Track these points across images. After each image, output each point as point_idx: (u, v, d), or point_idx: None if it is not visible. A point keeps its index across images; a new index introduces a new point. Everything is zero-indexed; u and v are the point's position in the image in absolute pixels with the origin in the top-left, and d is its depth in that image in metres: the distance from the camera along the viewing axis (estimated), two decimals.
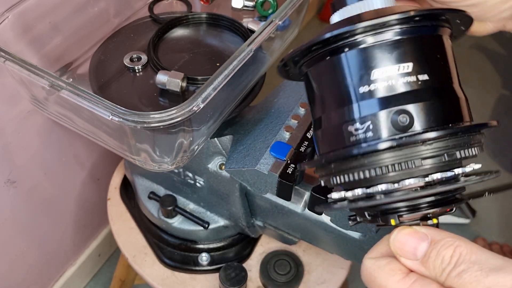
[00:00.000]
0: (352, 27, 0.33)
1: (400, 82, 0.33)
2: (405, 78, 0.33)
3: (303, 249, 0.84)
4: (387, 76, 0.33)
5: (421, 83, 0.33)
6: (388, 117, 0.33)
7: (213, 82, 0.53)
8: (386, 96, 0.33)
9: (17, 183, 0.91)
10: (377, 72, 0.33)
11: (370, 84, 0.33)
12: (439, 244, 0.32)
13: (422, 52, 0.34)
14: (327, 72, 0.36)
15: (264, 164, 0.61)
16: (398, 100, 0.33)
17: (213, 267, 0.82)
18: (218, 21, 0.75)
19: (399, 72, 0.33)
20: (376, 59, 0.33)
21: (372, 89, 0.33)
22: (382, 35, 0.33)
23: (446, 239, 0.32)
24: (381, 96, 0.33)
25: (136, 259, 0.84)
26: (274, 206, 0.69)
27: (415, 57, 0.33)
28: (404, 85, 0.33)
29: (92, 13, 0.75)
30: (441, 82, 0.34)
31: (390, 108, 0.33)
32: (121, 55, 0.69)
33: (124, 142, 0.60)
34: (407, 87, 0.33)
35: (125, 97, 0.65)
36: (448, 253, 0.31)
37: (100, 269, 1.31)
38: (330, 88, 0.36)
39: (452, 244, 0.31)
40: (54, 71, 0.70)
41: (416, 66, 0.33)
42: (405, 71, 0.33)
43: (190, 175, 0.76)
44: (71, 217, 1.11)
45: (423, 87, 0.33)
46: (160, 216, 0.82)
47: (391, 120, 0.33)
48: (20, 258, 1.01)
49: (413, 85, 0.33)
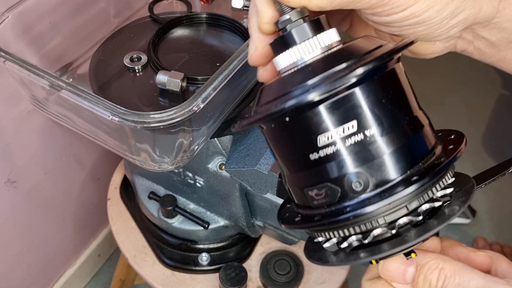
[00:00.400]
0: (287, 105, 0.30)
1: (348, 144, 0.31)
2: (352, 138, 0.31)
3: (303, 249, 0.84)
4: (332, 140, 0.31)
5: (369, 138, 0.31)
6: (344, 181, 0.32)
7: (213, 82, 0.53)
8: (337, 161, 0.31)
9: (17, 183, 0.91)
10: (322, 138, 0.31)
11: (319, 151, 0.32)
12: (425, 268, 0.34)
13: (368, 102, 0.31)
14: (278, 136, 0.34)
15: (264, 164, 0.61)
16: (350, 163, 0.31)
17: (213, 267, 0.82)
18: (218, 21, 0.75)
19: (345, 134, 0.31)
20: (318, 124, 0.31)
21: (322, 156, 0.32)
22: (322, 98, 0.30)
23: (431, 262, 0.34)
24: (332, 161, 0.32)
25: (136, 259, 0.84)
26: (274, 206, 0.69)
27: (358, 113, 0.31)
28: (352, 147, 0.31)
29: (92, 13, 0.75)
30: (397, 123, 0.32)
31: (343, 173, 0.31)
32: (121, 55, 0.69)
33: (124, 142, 0.60)
34: (356, 147, 0.31)
35: (125, 97, 0.65)
36: (434, 277, 0.33)
37: (100, 269, 1.31)
38: (284, 152, 0.35)
39: (436, 267, 0.33)
40: (54, 71, 0.70)
41: (361, 123, 0.31)
42: (350, 132, 0.31)
43: (190, 175, 0.76)
44: (71, 217, 1.11)
45: (373, 142, 0.31)
46: (160, 216, 0.82)
47: (346, 184, 0.32)
48: (20, 258, 1.01)
49: (361, 144, 0.31)
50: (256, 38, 0.36)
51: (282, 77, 0.33)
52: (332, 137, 0.31)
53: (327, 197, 0.32)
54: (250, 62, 0.38)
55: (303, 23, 0.33)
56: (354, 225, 0.33)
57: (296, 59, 0.33)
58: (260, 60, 0.37)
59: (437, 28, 0.34)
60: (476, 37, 0.38)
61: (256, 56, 0.37)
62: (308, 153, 0.32)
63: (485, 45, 0.38)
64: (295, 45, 0.33)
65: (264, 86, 0.35)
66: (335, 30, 0.34)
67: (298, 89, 0.31)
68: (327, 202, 0.33)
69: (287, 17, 0.34)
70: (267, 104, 0.33)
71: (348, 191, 0.32)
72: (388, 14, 0.33)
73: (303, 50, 0.33)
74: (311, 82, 0.30)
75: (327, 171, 0.32)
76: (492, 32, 0.37)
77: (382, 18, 0.34)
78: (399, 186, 0.31)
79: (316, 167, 0.32)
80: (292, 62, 0.34)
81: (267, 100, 0.33)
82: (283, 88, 0.32)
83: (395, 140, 0.32)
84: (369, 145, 0.31)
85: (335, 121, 0.31)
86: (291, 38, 0.34)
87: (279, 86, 0.33)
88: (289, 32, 0.34)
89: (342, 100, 0.31)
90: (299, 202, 0.36)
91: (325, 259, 0.36)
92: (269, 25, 0.35)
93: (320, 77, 0.30)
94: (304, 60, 0.33)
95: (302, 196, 0.34)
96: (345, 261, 0.34)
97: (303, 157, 0.33)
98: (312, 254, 0.38)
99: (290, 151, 0.34)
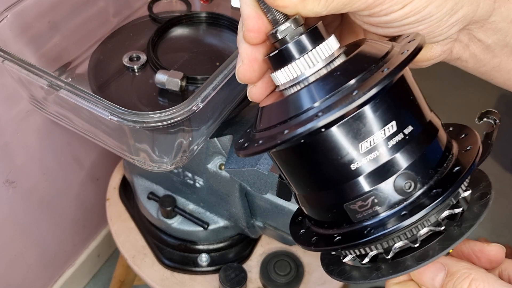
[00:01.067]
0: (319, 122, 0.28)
1: (391, 146, 0.30)
2: (393, 139, 0.30)
3: (304, 249, 0.84)
4: (375, 145, 0.30)
5: (408, 137, 0.30)
6: (391, 186, 0.30)
7: (212, 81, 0.53)
8: (381, 165, 0.30)
9: (16, 183, 0.90)
10: (364, 144, 0.30)
11: (361, 159, 0.30)
12: (455, 276, 0.32)
13: (398, 102, 0.31)
14: (300, 155, 0.31)
15: (264, 164, 0.61)
16: (395, 165, 0.30)
17: (213, 267, 0.82)
18: (217, 21, 0.75)
19: (386, 136, 0.30)
20: (359, 131, 0.30)
21: (364, 163, 0.30)
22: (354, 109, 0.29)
23: (462, 271, 0.32)
24: (376, 167, 0.30)
25: (136, 259, 0.84)
26: (274, 206, 0.69)
27: (394, 113, 0.30)
28: (395, 148, 0.30)
29: (91, 12, 0.75)
30: (422, 122, 0.32)
31: (390, 177, 0.30)
32: (120, 54, 0.69)
33: (123, 142, 0.59)
34: (398, 147, 0.30)
35: (124, 96, 0.64)
36: (464, 286, 0.32)
37: (99, 269, 1.31)
38: (308, 170, 0.32)
39: (467, 277, 0.32)
40: (53, 71, 0.69)
41: (398, 122, 0.30)
42: (391, 132, 0.30)
43: (190, 175, 0.75)
44: (70, 217, 1.11)
45: (412, 140, 0.30)
46: (160, 216, 0.81)
47: (395, 188, 0.30)
48: (19, 259, 1.01)
49: (402, 143, 0.30)
50: (242, 51, 0.33)
51: (306, 86, 0.31)
52: (374, 140, 0.30)
53: (374, 207, 0.31)
54: (238, 77, 0.34)
55: (302, 34, 0.31)
56: (383, 240, 0.32)
57: (299, 73, 0.31)
58: (248, 75, 0.34)
59: (437, 26, 0.34)
60: (472, 39, 0.37)
61: (243, 71, 0.34)
62: (349, 163, 0.30)
63: (480, 50, 0.38)
64: (298, 58, 0.31)
65: (268, 106, 0.33)
66: (334, 37, 0.33)
67: (338, 96, 0.29)
68: (373, 213, 0.31)
69: (283, 28, 0.31)
70: (287, 122, 0.30)
71: (397, 194, 0.30)
72: (387, 13, 0.32)
73: (309, 61, 0.31)
74: (351, 83, 0.29)
75: (373, 178, 0.30)
76: (488, 34, 0.37)
77: (380, 19, 0.33)
78: (429, 195, 0.30)
79: (360, 176, 0.30)
80: (296, 76, 0.32)
81: (285, 118, 0.30)
82: (306, 101, 0.30)
83: (428, 133, 0.31)
84: (409, 144, 0.31)
85: (376, 124, 0.30)
86: (291, 51, 0.31)
87: (297, 102, 0.30)
88: (288, 46, 0.31)
89: (379, 102, 0.30)
90: (328, 220, 0.33)
91: (348, 276, 0.34)
92: (254, 34, 0.32)
93: (364, 83, 0.29)
94: (316, 69, 0.31)
95: (338, 213, 0.32)
96: (366, 278, 0.33)
97: (341, 169, 0.30)
98: (332, 268, 0.36)
99: (318, 168, 0.31)
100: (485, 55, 0.38)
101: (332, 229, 0.33)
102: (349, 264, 0.35)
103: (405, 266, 0.32)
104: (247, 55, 0.33)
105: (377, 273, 0.33)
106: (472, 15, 0.34)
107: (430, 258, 0.31)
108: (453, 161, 0.32)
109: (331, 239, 0.33)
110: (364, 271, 0.34)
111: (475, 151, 0.32)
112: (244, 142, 0.34)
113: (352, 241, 0.31)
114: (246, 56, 0.33)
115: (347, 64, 0.31)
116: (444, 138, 0.33)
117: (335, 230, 0.33)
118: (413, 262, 0.32)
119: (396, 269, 0.32)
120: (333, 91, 0.29)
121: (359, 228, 0.32)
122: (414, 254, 0.32)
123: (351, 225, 0.32)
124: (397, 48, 0.31)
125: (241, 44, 0.33)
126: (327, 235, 0.33)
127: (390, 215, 0.31)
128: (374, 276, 0.33)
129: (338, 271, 0.35)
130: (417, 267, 0.31)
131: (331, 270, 0.36)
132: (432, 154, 0.31)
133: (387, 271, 0.32)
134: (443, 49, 0.37)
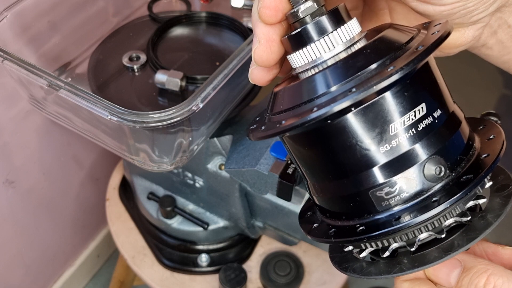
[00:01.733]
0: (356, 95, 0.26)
1: (420, 129, 0.29)
2: (423, 122, 0.29)
3: (304, 250, 0.84)
4: (406, 127, 0.29)
5: (437, 121, 0.29)
6: (420, 170, 0.29)
7: (212, 81, 0.53)
8: (411, 149, 0.29)
9: (16, 183, 0.90)
10: (395, 125, 0.29)
11: (391, 141, 0.29)
12: (472, 272, 0.31)
13: (428, 85, 0.30)
14: (327, 138, 0.30)
15: (264, 164, 0.61)
16: (425, 149, 0.29)
17: (213, 268, 0.82)
18: (217, 20, 0.75)
19: (416, 118, 0.29)
20: (389, 112, 0.28)
21: (394, 145, 0.29)
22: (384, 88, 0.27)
23: (479, 267, 0.31)
24: (405, 151, 0.29)
25: (135, 260, 0.84)
26: (274, 206, 0.69)
27: (424, 96, 0.29)
28: (424, 131, 0.29)
29: (91, 12, 0.74)
30: (448, 108, 0.31)
31: (419, 161, 0.29)
32: (120, 54, 0.69)
33: (123, 142, 0.59)
34: (427, 131, 0.29)
35: (124, 96, 0.64)
36: (481, 281, 0.30)
37: (99, 270, 1.31)
38: (336, 155, 0.30)
39: (485, 272, 0.31)
40: (53, 71, 0.69)
41: (428, 105, 0.29)
42: (421, 114, 0.29)
43: (190, 176, 0.75)
44: (70, 217, 1.11)
45: (441, 125, 0.30)
46: (159, 216, 0.81)
47: (424, 174, 0.29)
48: (19, 259, 1.01)
49: (432, 126, 0.29)
50: (259, 31, 0.31)
51: (332, 65, 0.29)
52: (405, 122, 0.29)
53: (401, 193, 0.29)
54: (254, 59, 0.32)
55: (323, 14, 0.30)
56: (411, 229, 0.30)
57: (318, 55, 0.30)
58: (265, 57, 0.32)
59: (478, 5, 0.33)
60: (502, 26, 0.37)
61: (260, 52, 0.32)
62: (377, 146, 0.29)
63: (508, 36, 0.38)
64: (318, 40, 0.30)
65: (287, 87, 0.31)
66: (356, 20, 0.31)
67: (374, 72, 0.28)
68: (400, 200, 0.30)
69: (304, 7, 0.30)
70: (314, 101, 0.29)
71: (426, 180, 0.29)
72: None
73: (330, 43, 0.30)
74: (382, 60, 0.28)
75: (402, 163, 0.29)
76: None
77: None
78: (458, 183, 0.29)
79: (389, 160, 0.29)
80: (315, 59, 0.31)
81: (312, 96, 0.29)
82: (336, 78, 0.29)
83: (453, 120, 0.31)
84: (438, 128, 0.30)
85: (407, 106, 0.29)
86: (310, 32, 0.30)
87: (328, 78, 0.29)
88: (307, 26, 0.30)
89: (409, 83, 0.29)
90: (348, 211, 0.32)
91: (365, 271, 0.33)
92: (271, 12, 0.30)
93: (397, 60, 0.28)
94: (335, 53, 0.30)
95: (361, 202, 0.31)
96: (388, 273, 0.31)
97: (369, 153, 0.29)
98: (345, 265, 0.34)
99: (344, 152, 0.30)
100: (511, 43, 0.38)
101: (353, 219, 0.31)
102: (365, 260, 0.33)
103: (431, 258, 0.30)
104: (264, 35, 0.31)
105: (400, 267, 0.31)
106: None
107: (457, 249, 0.30)
108: (478, 149, 0.31)
109: (353, 230, 0.31)
110: (383, 266, 0.32)
111: (500, 140, 0.32)
112: (259, 126, 0.32)
113: (378, 230, 0.30)
114: (263, 36, 0.31)
115: (378, 42, 0.30)
116: (467, 129, 0.32)
117: (356, 221, 0.31)
118: (439, 254, 0.30)
119: (421, 262, 0.30)
120: (364, 68, 0.28)
121: (385, 216, 0.30)
122: (439, 246, 0.30)
123: (375, 213, 0.30)
124: (423, 34, 0.30)
125: (257, 24, 0.31)
126: (348, 226, 0.32)
127: (418, 202, 0.29)
128: (397, 270, 0.31)
129: (353, 268, 0.34)
130: (445, 258, 0.30)
131: (345, 267, 0.34)
132: (458, 141, 0.31)
133: (411, 264, 0.31)
134: (474, 34, 0.37)
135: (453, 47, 0.37)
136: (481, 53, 0.39)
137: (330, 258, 0.36)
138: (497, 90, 1.90)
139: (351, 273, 0.33)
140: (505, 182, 0.32)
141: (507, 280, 0.30)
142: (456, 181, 0.29)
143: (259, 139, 0.31)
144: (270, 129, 0.30)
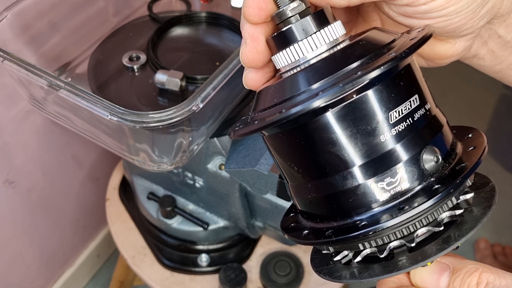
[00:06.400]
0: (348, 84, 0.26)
1: (416, 118, 0.29)
2: (417, 112, 0.29)
3: (304, 250, 0.84)
4: (403, 115, 0.29)
5: (428, 113, 0.30)
6: (418, 160, 0.29)
7: (212, 81, 0.53)
8: (412, 135, 0.29)
9: (16, 183, 0.90)
10: (394, 114, 0.29)
11: (391, 129, 0.29)
12: (462, 272, 0.31)
13: (417, 80, 0.30)
14: (323, 130, 0.29)
15: (264, 164, 0.61)
16: (424, 137, 0.29)
17: (213, 268, 0.82)
18: (217, 20, 0.75)
19: (412, 108, 0.29)
20: (389, 99, 0.29)
21: (393, 134, 0.29)
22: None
23: (469, 266, 0.31)
24: (406, 139, 0.29)
25: (135, 260, 0.84)
26: (274, 206, 0.69)
27: (416, 87, 0.30)
28: (419, 121, 0.29)
29: (91, 12, 0.74)
30: (433, 106, 0.31)
31: (419, 149, 0.29)
32: (120, 54, 0.69)
33: (123, 142, 0.59)
34: (422, 121, 0.29)
35: (124, 96, 0.64)
36: (474, 280, 0.30)
37: (99, 270, 1.31)
38: (330, 147, 0.29)
39: (476, 270, 0.30)
40: (53, 71, 0.69)
41: (420, 96, 0.30)
42: (415, 105, 0.29)
43: (190, 176, 0.75)
44: (70, 217, 1.11)
45: (432, 117, 0.30)
46: (159, 216, 0.81)
47: (423, 162, 0.29)
48: (19, 259, 1.01)
49: (425, 117, 0.30)
50: (245, 31, 0.32)
51: (323, 58, 0.30)
52: (403, 111, 0.29)
53: (403, 183, 0.29)
54: (242, 61, 0.32)
55: (307, 15, 0.30)
56: (377, 237, 0.30)
57: (301, 55, 0.30)
58: (252, 57, 0.32)
59: (471, 17, 0.33)
60: (492, 36, 0.37)
61: (247, 52, 0.32)
62: (379, 134, 0.29)
63: (499, 46, 0.38)
64: (301, 40, 0.30)
65: (265, 88, 0.32)
66: (340, 23, 0.31)
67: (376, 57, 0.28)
68: (402, 190, 0.29)
69: (289, 8, 0.30)
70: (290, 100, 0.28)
71: (428, 169, 0.29)
72: (426, 1, 0.31)
73: (312, 44, 0.30)
74: (369, 56, 0.28)
75: (405, 149, 0.29)
76: (509, 30, 0.37)
77: (419, 8, 0.32)
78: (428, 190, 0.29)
79: (388, 149, 0.29)
80: (298, 59, 0.31)
81: (287, 97, 0.29)
82: (313, 78, 0.29)
83: (437, 127, 0.31)
84: (431, 119, 0.30)
85: (403, 95, 0.29)
86: (294, 32, 0.30)
87: (308, 77, 0.29)
88: (292, 27, 0.30)
89: (402, 73, 0.29)
90: (344, 211, 0.31)
91: (336, 274, 0.33)
92: (253, 10, 0.31)
93: (397, 45, 0.29)
94: (318, 53, 0.30)
95: (360, 195, 0.30)
96: (359, 278, 0.31)
97: (367, 142, 0.29)
98: (321, 268, 0.34)
99: (345, 140, 0.29)
100: (503, 52, 0.38)
101: (351, 217, 0.31)
102: (340, 264, 0.33)
103: (400, 265, 0.30)
104: (250, 35, 0.32)
105: (369, 273, 0.31)
106: (498, 6, 0.34)
107: (458, 239, 0.29)
108: (457, 159, 0.31)
109: (355, 227, 0.30)
110: (355, 271, 0.32)
111: (481, 136, 0.32)
112: (240, 125, 0.32)
113: (344, 234, 0.30)
114: (248, 36, 0.32)
115: (363, 42, 0.30)
116: (449, 135, 0.32)
117: (357, 217, 0.31)
118: (408, 262, 0.30)
119: (389, 269, 0.30)
120: (342, 68, 0.28)
121: (352, 222, 0.30)
122: (409, 255, 0.30)
123: (344, 219, 0.31)
124: (405, 37, 0.31)
125: (243, 25, 0.32)
126: (347, 224, 0.31)
127: (385, 210, 0.29)
128: (365, 275, 0.31)
129: (327, 271, 0.34)
130: (413, 267, 0.30)
131: (320, 269, 0.34)
132: (440, 145, 0.31)
133: (379, 270, 0.31)
134: (465, 45, 0.37)
135: (444, 57, 0.37)
136: (474, 63, 0.39)
137: (317, 272, 0.35)
138: (497, 90, 1.89)
139: (348, 279, 0.33)
140: (483, 181, 0.33)
141: (497, 276, 0.30)
142: (450, 172, 0.30)
143: (237, 137, 0.31)
144: (245, 127, 0.30)
